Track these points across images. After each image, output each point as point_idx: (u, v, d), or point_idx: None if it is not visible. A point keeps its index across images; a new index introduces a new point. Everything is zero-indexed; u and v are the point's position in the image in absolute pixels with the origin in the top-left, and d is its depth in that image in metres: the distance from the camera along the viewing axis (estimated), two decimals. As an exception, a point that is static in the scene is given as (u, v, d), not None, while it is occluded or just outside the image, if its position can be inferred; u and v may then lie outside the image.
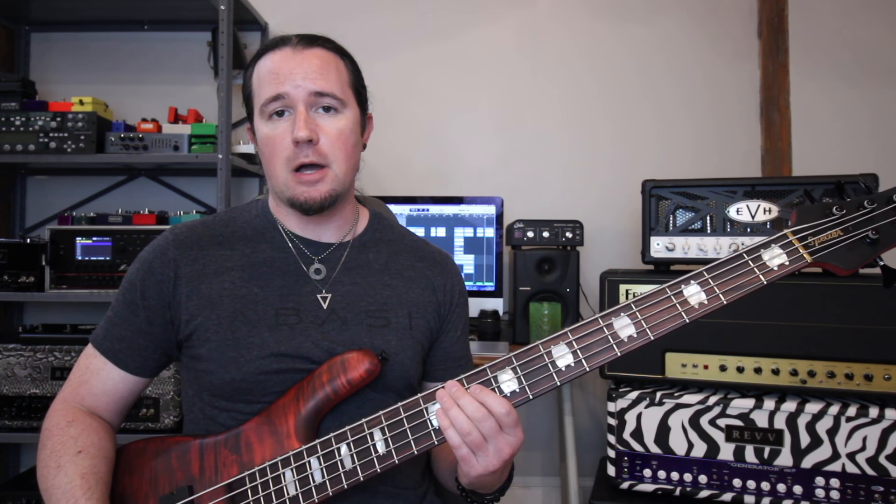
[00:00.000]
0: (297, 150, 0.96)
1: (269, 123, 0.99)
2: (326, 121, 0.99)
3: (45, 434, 0.96)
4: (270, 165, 1.00)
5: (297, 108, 0.97)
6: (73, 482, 0.88)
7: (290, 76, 0.97)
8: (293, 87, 0.97)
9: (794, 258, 0.86)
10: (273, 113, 0.98)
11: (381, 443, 0.88)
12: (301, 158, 0.97)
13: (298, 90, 0.97)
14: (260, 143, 1.02)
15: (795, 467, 1.53)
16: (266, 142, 0.99)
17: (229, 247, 1.04)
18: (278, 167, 0.98)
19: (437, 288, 1.10)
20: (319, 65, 0.99)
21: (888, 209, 0.87)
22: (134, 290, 1.01)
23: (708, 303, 0.86)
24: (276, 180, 1.00)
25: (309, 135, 0.95)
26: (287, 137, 0.97)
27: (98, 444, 0.94)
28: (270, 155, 0.99)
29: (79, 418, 0.97)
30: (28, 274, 2.06)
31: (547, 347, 0.87)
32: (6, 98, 2.14)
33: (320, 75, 0.98)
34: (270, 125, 0.99)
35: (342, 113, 1.01)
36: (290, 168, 0.98)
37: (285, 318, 0.99)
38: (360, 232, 1.11)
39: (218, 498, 0.90)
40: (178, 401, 1.95)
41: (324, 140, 0.98)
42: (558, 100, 2.48)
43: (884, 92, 2.35)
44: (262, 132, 1.00)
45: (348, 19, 2.51)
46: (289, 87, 0.97)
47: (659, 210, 1.79)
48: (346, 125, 1.01)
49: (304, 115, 0.96)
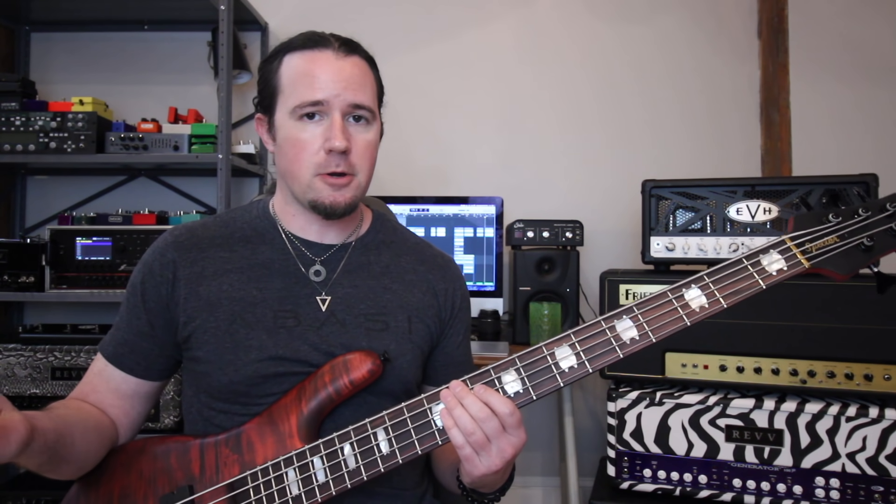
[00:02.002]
0: (328, 158, 0.96)
1: (298, 124, 0.97)
2: (358, 131, 0.99)
3: None
4: (294, 166, 0.99)
5: (334, 115, 0.97)
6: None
7: (331, 84, 0.96)
8: (333, 95, 0.96)
9: (791, 263, 0.88)
10: (305, 114, 0.97)
11: (384, 443, 0.88)
12: (332, 167, 0.97)
13: (338, 99, 0.96)
14: (283, 142, 1.00)
15: (795, 467, 1.53)
16: (293, 142, 0.98)
17: (228, 248, 1.03)
18: (304, 170, 0.98)
19: (438, 292, 1.10)
20: (360, 76, 0.99)
21: (882, 217, 0.89)
22: (136, 293, 1.01)
23: (709, 306, 0.87)
24: (298, 182, 0.99)
25: (345, 146, 0.96)
26: (318, 142, 0.96)
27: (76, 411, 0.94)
28: (296, 156, 0.98)
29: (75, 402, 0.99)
30: (28, 274, 2.06)
31: (550, 349, 0.88)
32: (6, 98, 2.14)
33: (360, 87, 0.99)
34: (300, 126, 0.97)
35: (372, 125, 1.02)
36: (317, 172, 0.97)
37: (283, 320, 0.99)
38: (362, 233, 1.11)
39: (219, 497, 0.90)
40: (178, 401, 1.95)
41: (355, 150, 0.98)
42: (558, 99, 2.48)
43: (884, 92, 2.35)
44: (290, 132, 0.98)
45: (348, 19, 2.51)
46: (329, 95, 0.96)
47: (659, 210, 1.79)
48: (374, 138, 1.02)
49: (341, 125, 0.96)
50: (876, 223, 0.89)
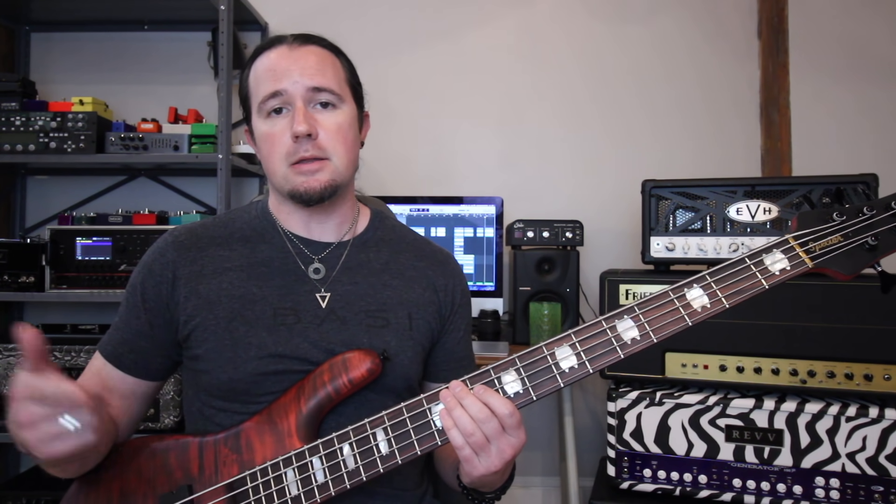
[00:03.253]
0: (296, 145, 0.97)
1: (267, 121, 1.00)
2: (325, 116, 1.00)
3: None
4: (269, 161, 1.01)
5: (296, 103, 0.98)
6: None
7: (287, 73, 0.98)
8: (291, 83, 0.98)
9: (795, 263, 0.87)
10: (271, 110, 0.99)
11: (384, 443, 0.88)
12: (301, 153, 0.98)
13: (296, 86, 0.98)
14: (258, 141, 1.03)
15: (795, 467, 1.53)
16: (265, 139, 1.00)
17: (228, 247, 1.04)
18: (277, 162, 0.99)
19: (438, 288, 1.10)
20: (316, 61, 1.01)
21: (887, 216, 0.88)
22: (135, 293, 1.01)
23: (711, 306, 0.86)
24: (275, 175, 1.01)
25: (308, 129, 0.96)
26: (286, 133, 0.98)
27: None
28: (269, 151, 1.00)
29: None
30: (28, 274, 2.06)
31: (551, 349, 0.87)
32: (6, 98, 2.14)
33: (317, 71, 1.00)
34: (269, 122, 1.00)
35: (340, 108, 1.02)
36: (289, 162, 0.98)
37: (283, 318, 0.98)
38: (360, 231, 1.11)
39: (218, 497, 0.90)
40: (178, 401, 1.95)
41: (323, 134, 0.99)
42: (558, 99, 2.48)
43: (884, 92, 2.35)
44: (261, 130, 1.01)
45: (348, 19, 2.51)
46: (286, 84, 0.98)
47: (659, 210, 1.79)
48: (345, 120, 1.02)
49: (302, 111, 0.97)
50: (881, 222, 0.87)
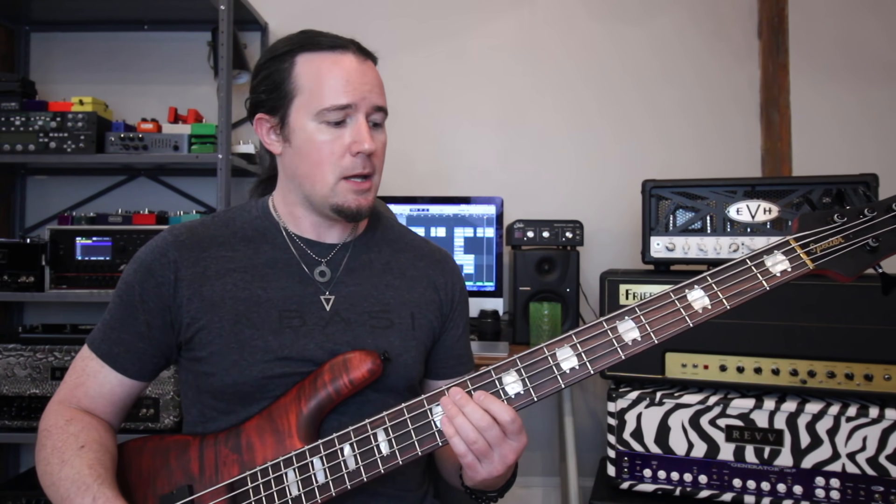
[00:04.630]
0: (355, 161, 0.98)
1: (322, 127, 0.97)
2: (377, 134, 1.02)
3: (43, 434, 0.95)
4: (317, 170, 0.98)
5: (359, 118, 0.98)
6: (81, 472, 0.87)
7: (360, 87, 0.98)
8: (361, 98, 0.98)
9: (796, 265, 0.87)
10: (333, 120, 0.97)
11: (384, 443, 0.88)
12: (359, 169, 0.98)
13: (364, 102, 0.98)
14: (303, 144, 0.99)
15: (795, 467, 1.53)
16: (318, 145, 0.97)
17: (230, 248, 1.03)
18: (329, 174, 0.98)
19: (438, 286, 1.11)
20: (378, 78, 1.03)
21: (888, 217, 0.88)
22: (132, 292, 0.99)
23: (712, 307, 0.86)
24: (321, 185, 0.99)
25: (374, 148, 0.98)
26: (342, 146, 0.97)
27: (99, 440, 0.94)
28: (319, 160, 0.98)
29: (77, 416, 0.96)
30: (28, 274, 2.06)
31: (551, 350, 0.87)
32: (6, 98, 2.14)
33: (380, 89, 1.02)
34: (324, 130, 0.97)
35: (383, 127, 1.04)
36: (343, 175, 0.98)
37: (289, 320, 0.98)
38: (361, 232, 1.11)
39: (219, 498, 0.90)
40: (178, 401, 1.94)
41: (376, 152, 1.01)
42: (558, 100, 2.48)
43: (884, 92, 2.35)
44: (313, 136, 0.97)
45: (348, 20, 2.51)
46: (357, 98, 0.97)
47: (659, 210, 1.79)
48: (386, 140, 1.05)
49: (367, 128, 0.98)
50: (882, 224, 0.87)
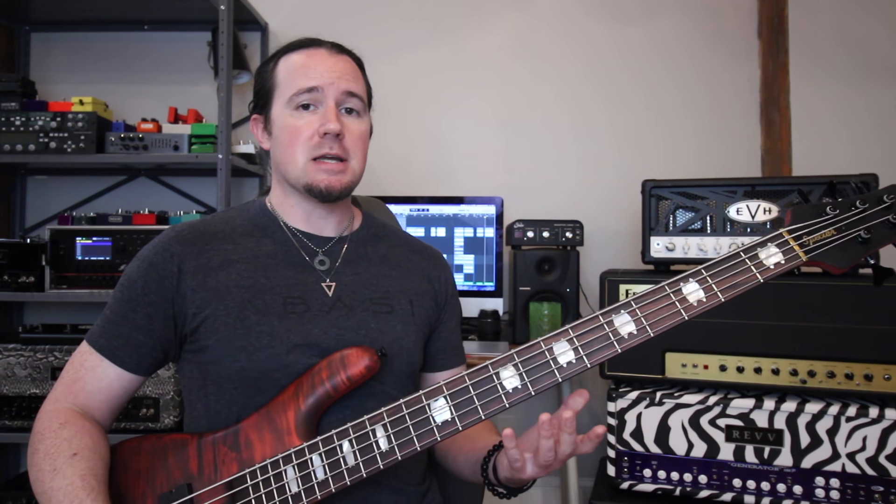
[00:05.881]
0: (322, 142, 1.02)
1: (294, 113, 1.04)
2: (351, 121, 1.06)
3: (36, 437, 0.94)
4: (289, 151, 1.04)
5: (328, 102, 1.03)
6: (73, 483, 0.87)
7: (326, 73, 1.04)
8: (328, 83, 1.03)
9: (789, 257, 0.88)
10: (300, 105, 1.03)
11: (383, 439, 0.88)
12: (325, 149, 1.03)
13: (332, 87, 1.03)
14: (278, 131, 1.06)
15: (795, 467, 1.53)
16: (288, 130, 1.03)
17: (232, 241, 1.06)
18: (299, 154, 1.03)
19: (432, 279, 1.16)
20: (352, 70, 1.08)
21: (879, 209, 0.88)
22: (134, 287, 1.01)
23: (706, 300, 0.87)
24: (293, 166, 1.04)
25: (339, 128, 1.02)
26: (311, 129, 1.02)
27: (92, 447, 0.93)
28: (290, 142, 1.03)
29: (71, 420, 0.95)
30: (28, 274, 2.06)
31: (548, 344, 0.88)
32: (6, 98, 2.14)
33: (353, 79, 1.07)
34: (296, 115, 1.03)
35: (362, 118, 1.09)
36: (312, 156, 1.02)
37: (293, 306, 1.01)
38: (355, 228, 1.16)
39: (218, 496, 0.90)
40: (179, 401, 1.95)
41: (348, 137, 1.04)
42: (558, 100, 2.48)
43: (884, 91, 2.35)
44: (286, 121, 1.04)
45: (348, 20, 2.51)
46: (324, 82, 1.03)
47: (659, 210, 1.79)
48: (365, 129, 1.09)
49: (334, 110, 1.03)
50: (873, 215, 0.88)
